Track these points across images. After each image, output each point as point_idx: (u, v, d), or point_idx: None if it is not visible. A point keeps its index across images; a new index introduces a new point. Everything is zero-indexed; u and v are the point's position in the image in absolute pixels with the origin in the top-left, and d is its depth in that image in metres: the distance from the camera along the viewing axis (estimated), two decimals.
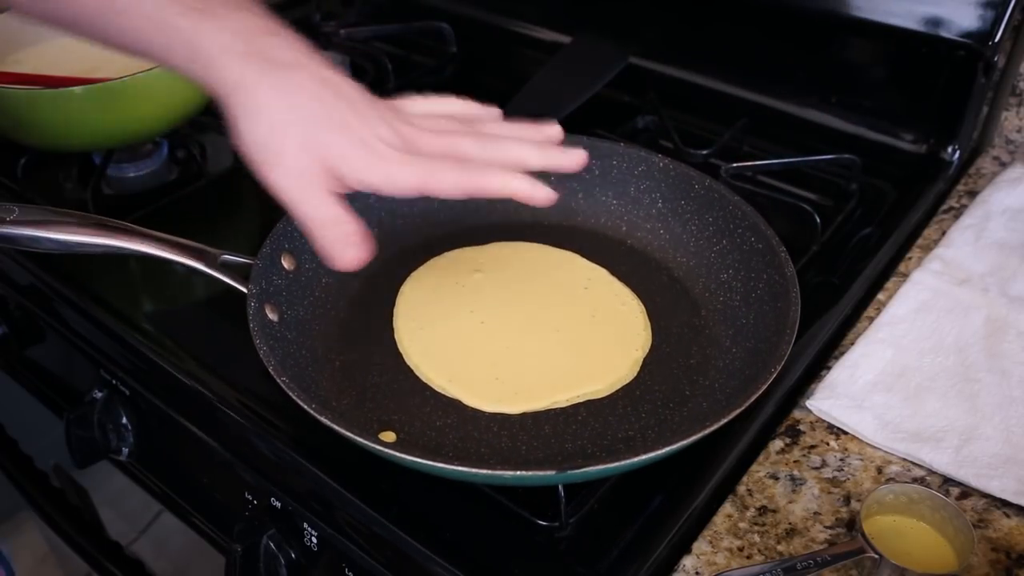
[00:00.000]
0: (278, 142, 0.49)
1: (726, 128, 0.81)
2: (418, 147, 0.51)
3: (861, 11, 0.75)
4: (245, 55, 0.49)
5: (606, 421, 0.54)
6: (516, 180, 0.51)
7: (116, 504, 0.85)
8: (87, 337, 0.67)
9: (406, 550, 0.49)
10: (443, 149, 0.51)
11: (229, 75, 0.49)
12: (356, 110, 0.50)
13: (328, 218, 0.50)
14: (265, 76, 0.49)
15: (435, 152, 0.51)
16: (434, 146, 0.51)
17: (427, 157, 0.50)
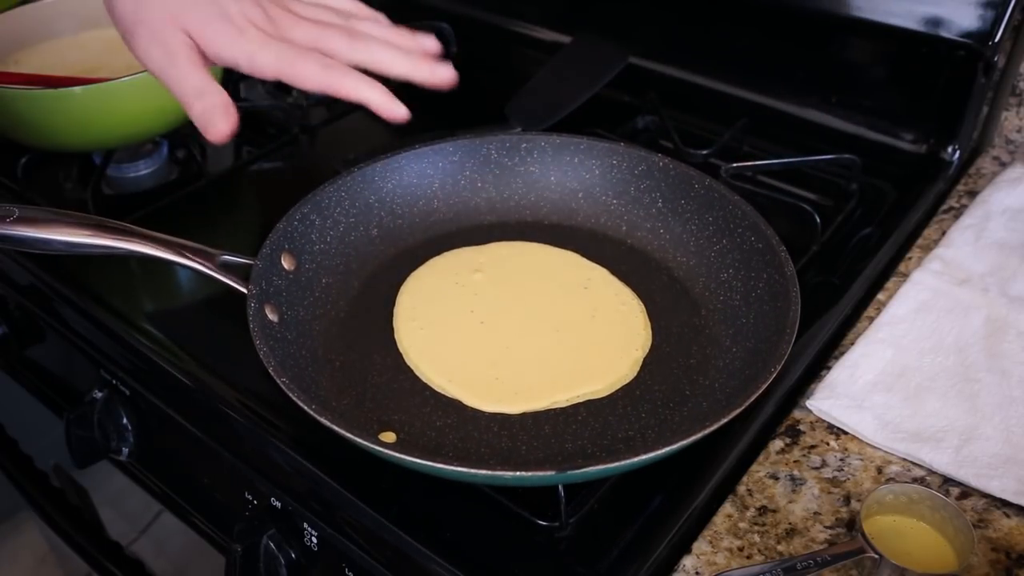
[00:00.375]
0: (142, 12, 0.50)
1: (726, 128, 0.81)
2: (286, 34, 0.52)
3: (861, 11, 0.75)
4: None
5: (606, 421, 0.54)
6: (372, 90, 0.52)
7: (116, 504, 0.85)
8: (87, 337, 0.67)
9: (406, 550, 0.49)
10: (311, 41, 0.52)
11: None
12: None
13: (193, 89, 0.51)
14: None
15: (302, 42, 0.52)
16: (303, 36, 0.52)
17: (292, 45, 0.51)
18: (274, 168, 0.83)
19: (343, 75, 0.52)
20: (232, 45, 0.50)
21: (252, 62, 0.50)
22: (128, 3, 0.51)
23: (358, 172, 0.66)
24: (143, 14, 0.50)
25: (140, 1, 0.50)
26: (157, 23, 0.50)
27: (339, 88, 0.51)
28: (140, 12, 0.50)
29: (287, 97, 0.92)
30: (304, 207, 0.62)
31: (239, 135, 0.88)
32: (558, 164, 0.69)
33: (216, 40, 0.50)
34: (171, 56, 0.50)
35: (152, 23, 0.50)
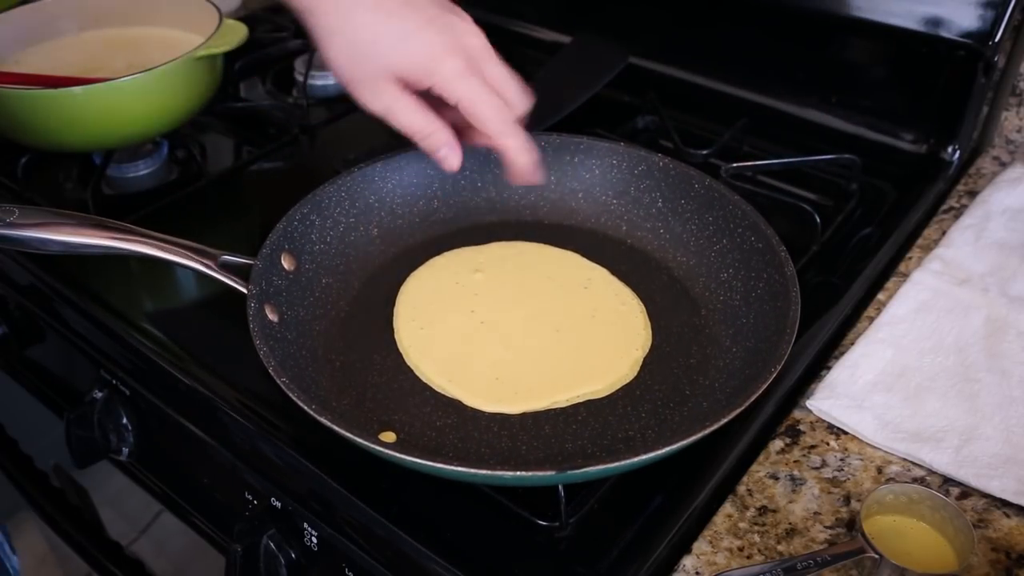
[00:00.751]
0: (357, 71, 0.54)
1: (726, 128, 0.81)
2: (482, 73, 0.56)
3: (861, 11, 0.75)
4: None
5: (606, 421, 0.54)
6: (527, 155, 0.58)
7: (116, 504, 0.85)
8: (87, 337, 0.67)
9: (406, 550, 0.49)
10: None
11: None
12: (421, 15, 0.54)
13: (419, 130, 0.56)
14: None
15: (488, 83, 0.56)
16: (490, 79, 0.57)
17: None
18: (274, 168, 0.83)
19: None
20: (454, 82, 0.54)
21: (470, 98, 0.55)
22: (344, 60, 0.54)
23: (358, 172, 0.66)
24: (358, 72, 0.54)
25: (354, 60, 0.54)
26: (371, 79, 0.54)
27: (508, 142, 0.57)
28: (355, 71, 0.54)
29: (287, 97, 0.92)
30: (304, 207, 0.62)
31: (239, 135, 0.89)
32: (558, 164, 0.69)
33: (440, 76, 0.54)
34: (390, 107, 0.55)
35: (367, 80, 0.54)
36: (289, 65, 0.95)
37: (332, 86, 0.93)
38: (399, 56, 0.53)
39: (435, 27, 0.54)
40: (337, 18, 0.53)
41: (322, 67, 0.93)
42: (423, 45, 0.54)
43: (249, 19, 0.95)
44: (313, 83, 0.92)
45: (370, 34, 0.53)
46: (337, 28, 0.54)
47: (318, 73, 0.92)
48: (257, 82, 0.95)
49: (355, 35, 0.53)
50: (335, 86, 0.94)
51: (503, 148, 0.57)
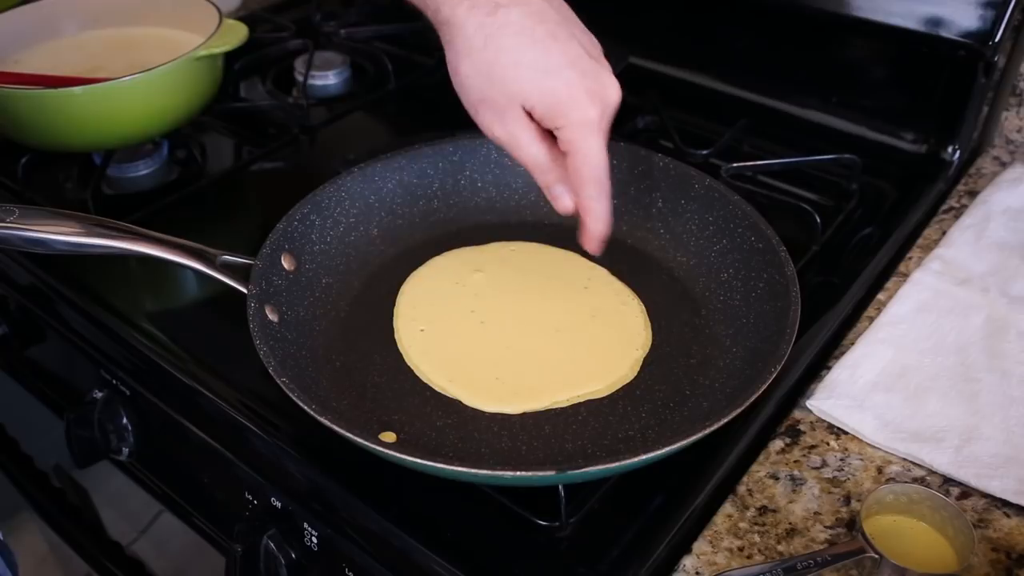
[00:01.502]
0: (488, 91, 0.51)
1: (726, 128, 0.81)
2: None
3: (861, 11, 0.75)
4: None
5: (606, 421, 0.54)
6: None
7: (116, 504, 0.85)
8: (87, 337, 0.67)
9: (406, 550, 0.49)
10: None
11: (442, 10, 0.52)
12: (568, 53, 0.51)
13: (536, 164, 0.54)
14: (474, 13, 0.50)
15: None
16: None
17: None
18: (274, 168, 0.83)
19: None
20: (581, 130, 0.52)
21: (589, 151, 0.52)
22: (476, 80, 0.52)
23: (358, 172, 0.66)
24: (489, 94, 0.52)
25: (488, 80, 0.51)
26: (502, 104, 0.52)
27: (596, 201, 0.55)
28: (487, 92, 0.52)
29: (287, 97, 0.92)
30: (304, 207, 0.62)
31: (239, 135, 0.89)
32: None
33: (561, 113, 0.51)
34: (514, 135, 0.53)
35: (497, 104, 0.52)
36: (289, 65, 0.95)
37: (332, 86, 0.93)
38: (538, 89, 0.51)
39: (578, 69, 0.51)
40: (480, 37, 0.50)
41: (323, 67, 0.93)
42: (564, 85, 0.51)
43: (249, 19, 0.95)
44: (313, 83, 0.92)
45: (512, 59, 0.50)
46: (478, 46, 0.51)
47: (318, 73, 0.92)
48: (257, 82, 0.95)
49: (496, 57, 0.50)
50: (335, 86, 0.94)
51: (589, 210, 0.55)
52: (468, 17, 0.50)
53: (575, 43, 0.52)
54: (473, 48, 0.51)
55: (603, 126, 0.52)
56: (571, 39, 0.52)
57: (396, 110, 0.91)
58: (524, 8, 0.51)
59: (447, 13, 0.51)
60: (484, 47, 0.50)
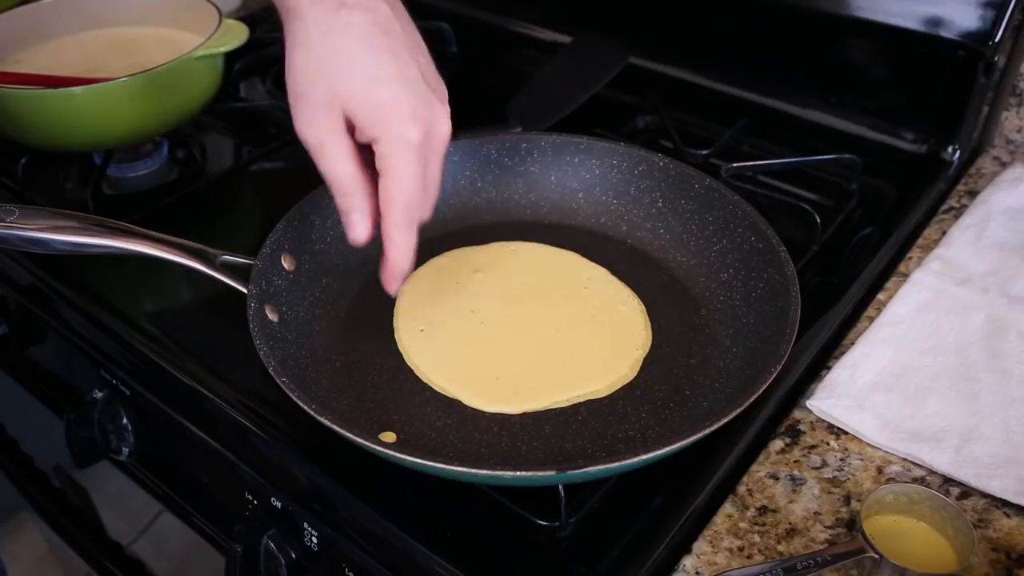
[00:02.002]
0: (307, 86, 0.49)
1: (726, 128, 0.81)
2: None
3: (861, 11, 0.75)
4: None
5: (606, 421, 0.54)
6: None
7: (116, 504, 0.85)
8: (87, 337, 0.67)
9: (406, 550, 0.49)
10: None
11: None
12: (403, 70, 0.49)
13: (339, 182, 0.50)
14: (316, 7, 0.48)
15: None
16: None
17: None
18: (274, 168, 0.83)
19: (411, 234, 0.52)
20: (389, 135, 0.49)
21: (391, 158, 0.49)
22: (304, 72, 0.49)
23: None
24: (310, 89, 0.49)
25: (313, 75, 0.49)
26: (319, 101, 0.49)
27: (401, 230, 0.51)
28: (309, 86, 0.49)
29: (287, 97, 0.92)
30: (304, 207, 0.62)
31: (239, 135, 0.89)
32: (558, 164, 0.69)
33: (373, 126, 0.49)
34: (323, 142, 0.49)
35: (314, 100, 0.49)
36: None
37: None
38: (361, 92, 0.48)
39: (410, 88, 0.49)
40: (318, 31, 0.48)
41: None
42: (391, 97, 0.48)
43: (249, 19, 0.95)
44: None
45: (344, 59, 0.48)
46: (315, 40, 0.48)
47: None
48: (257, 82, 0.95)
49: (330, 54, 0.48)
50: None
51: (391, 239, 0.51)
52: (310, 9, 0.49)
53: (414, 65, 0.50)
54: (309, 40, 0.49)
55: (424, 152, 0.49)
56: (411, 61, 0.50)
57: None
58: (368, 16, 0.49)
59: (291, 3, 0.49)
60: (320, 41, 0.49)
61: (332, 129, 0.49)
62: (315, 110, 0.49)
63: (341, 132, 0.49)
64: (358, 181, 0.50)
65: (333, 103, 0.49)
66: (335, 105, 0.49)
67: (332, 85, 0.48)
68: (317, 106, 0.49)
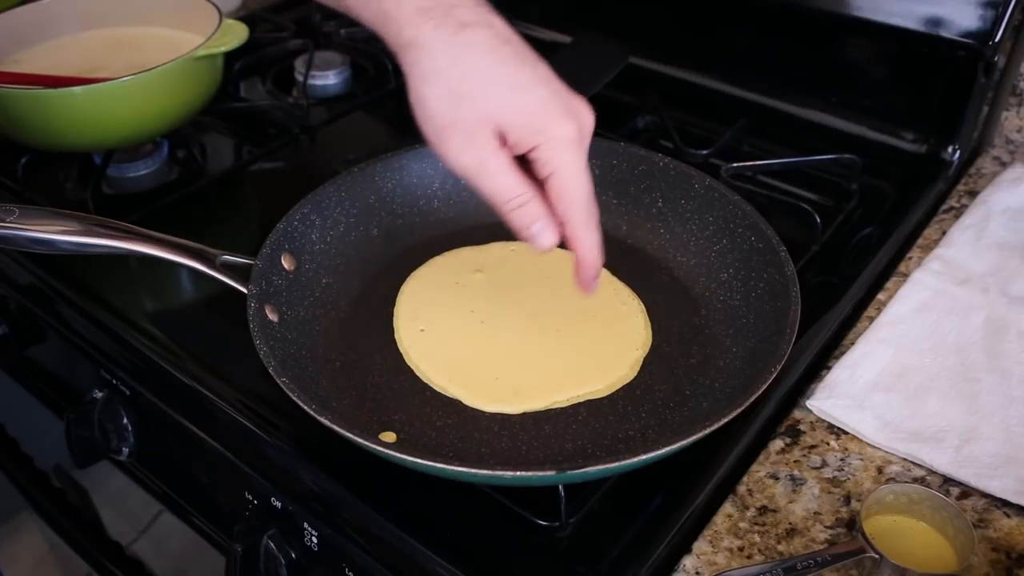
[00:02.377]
0: (457, 112, 0.47)
1: (726, 128, 0.81)
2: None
3: (861, 11, 0.75)
4: (423, 10, 0.47)
5: (606, 421, 0.54)
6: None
7: (116, 504, 0.85)
8: (87, 337, 0.67)
9: (406, 550, 0.49)
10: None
11: (405, 31, 0.48)
12: (537, 73, 0.48)
13: (508, 196, 0.48)
14: (439, 32, 0.47)
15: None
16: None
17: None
18: (274, 168, 0.83)
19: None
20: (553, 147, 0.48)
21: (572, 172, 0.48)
22: (444, 102, 0.47)
23: (358, 172, 0.66)
24: (457, 116, 0.47)
25: (457, 103, 0.47)
26: (470, 126, 0.47)
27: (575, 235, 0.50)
28: (455, 114, 0.47)
29: (287, 97, 0.92)
30: (304, 207, 0.62)
31: (239, 135, 0.89)
32: None
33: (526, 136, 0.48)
34: (484, 162, 0.48)
35: (465, 126, 0.47)
36: (289, 65, 0.95)
37: (332, 86, 0.93)
38: (510, 105, 0.47)
39: (550, 87, 0.48)
40: (447, 57, 0.47)
41: (323, 67, 0.93)
42: (537, 101, 0.47)
43: (249, 19, 0.95)
44: (313, 83, 0.92)
45: (481, 77, 0.47)
46: (444, 67, 0.47)
47: (318, 73, 0.92)
48: (257, 82, 0.95)
49: (464, 75, 0.47)
50: (335, 86, 0.94)
51: (580, 239, 0.50)
52: (433, 36, 0.47)
53: (542, 65, 0.49)
54: (439, 68, 0.47)
55: (583, 147, 0.49)
56: (537, 62, 0.49)
57: (396, 110, 0.91)
58: (489, 31, 0.48)
59: (410, 34, 0.47)
60: (451, 66, 0.47)
61: (491, 148, 0.48)
62: (469, 135, 0.47)
63: (500, 149, 0.48)
64: (530, 190, 0.49)
65: (485, 123, 0.47)
66: (487, 124, 0.47)
67: (479, 106, 0.47)
68: (470, 131, 0.47)
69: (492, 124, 0.47)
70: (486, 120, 0.47)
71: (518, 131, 0.47)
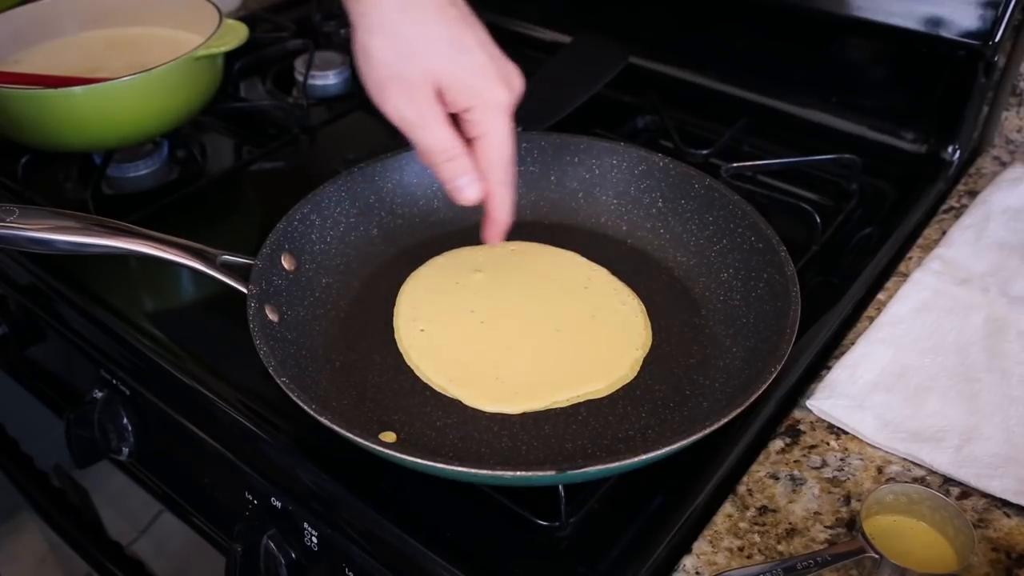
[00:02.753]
0: (400, 66, 0.50)
1: (726, 128, 0.81)
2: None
3: (861, 11, 0.75)
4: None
5: (606, 421, 0.54)
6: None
7: (116, 504, 0.85)
8: (87, 337, 0.67)
9: (406, 550, 0.49)
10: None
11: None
12: (478, 37, 0.52)
13: (442, 150, 0.52)
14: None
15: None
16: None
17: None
18: (274, 168, 0.83)
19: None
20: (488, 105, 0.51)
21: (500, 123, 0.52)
22: (389, 55, 0.50)
23: (358, 172, 0.66)
24: (400, 70, 0.50)
25: (402, 58, 0.50)
26: (412, 81, 0.50)
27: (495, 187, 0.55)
28: (398, 67, 0.50)
29: (287, 97, 0.92)
30: (304, 207, 0.62)
31: (239, 135, 0.89)
32: (558, 164, 0.69)
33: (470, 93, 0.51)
34: (423, 114, 0.51)
35: (407, 80, 0.50)
36: (289, 65, 0.95)
37: (332, 86, 0.93)
38: (452, 65, 0.50)
39: (488, 52, 0.52)
40: (396, 12, 0.50)
41: (323, 67, 0.93)
42: (477, 64, 0.51)
43: (249, 19, 0.95)
44: (313, 83, 0.92)
45: (428, 35, 0.50)
46: (392, 22, 0.50)
47: (318, 73, 0.92)
48: (257, 82, 0.95)
49: (411, 32, 0.50)
50: (335, 86, 0.94)
51: (497, 198, 0.55)
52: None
53: (482, 31, 0.53)
54: (388, 23, 0.50)
55: (511, 112, 0.53)
56: (479, 26, 0.52)
57: None
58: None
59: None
60: (399, 22, 0.50)
61: (430, 102, 0.51)
62: (411, 88, 0.51)
63: (438, 104, 0.51)
64: (461, 145, 0.52)
65: (427, 79, 0.50)
66: (428, 80, 0.50)
67: (423, 63, 0.50)
68: (412, 84, 0.50)
69: (433, 81, 0.50)
70: (428, 77, 0.50)
71: (456, 91, 0.51)
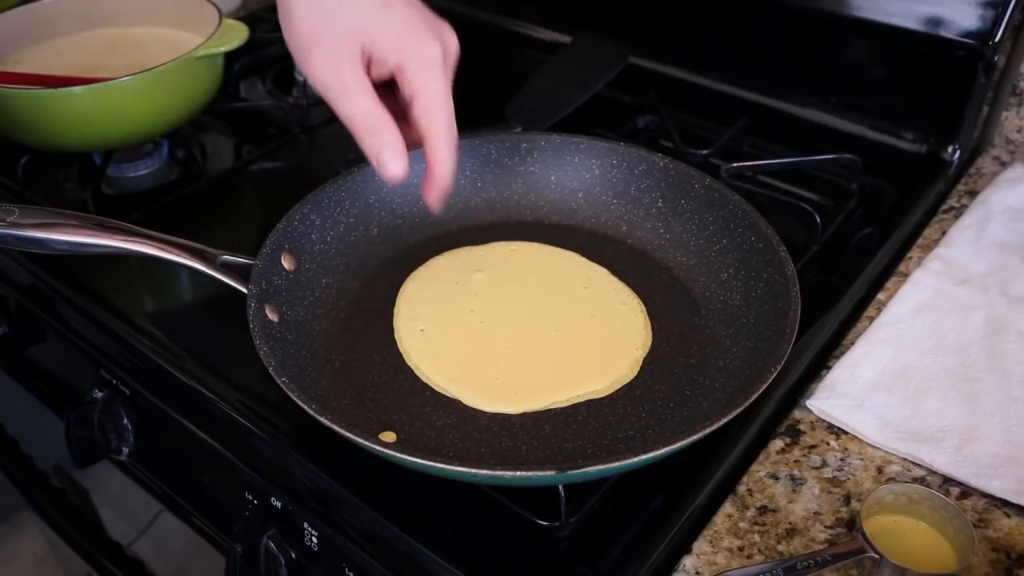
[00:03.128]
0: (323, 30, 0.48)
1: (726, 128, 0.81)
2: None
3: (861, 11, 0.75)
4: None
5: (606, 421, 0.54)
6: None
7: (116, 504, 0.85)
8: (87, 337, 0.67)
9: (406, 550, 0.49)
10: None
11: None
12: (413, 4, 0.50)
13: (366, 122, 0.49)
14: None
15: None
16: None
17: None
18: (274, 168, 0.83)
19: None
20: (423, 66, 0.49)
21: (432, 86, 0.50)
22: (308, 19, 0.48)
23: (358, 172, 0.66)
24: (322, 33, 0.48)
25: (323, 18, 0.48)
26: (335, 44, 0.48)
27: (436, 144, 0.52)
28: (320, 31, 0.48)
29: (287, 97, 0.92)
30: (304, 207, 0.62)
31: (239, 135, 0.89)
32: (558, 164, 0.69)
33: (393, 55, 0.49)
34: (345, 82, 0.48)
35: (330, 44, 0.48)
36: (289, 65, 0.95)
37: None
38: (376, 24, 0.48)
39: (414, 8, 0.49)
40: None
41: None
42: (403, 19, 0.48)
43: (249, 19, 0.95)
44: None
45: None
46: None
47: None
48: (257, 82, 0.95)
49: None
50: None
51: (437, 158, 0.52)
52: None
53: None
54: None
55: (447, 69, 0.50)
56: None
57: None
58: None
59: None
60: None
61: (354, 68, 0.48)
62: (333, 52, 0.48)
63: (362, 70, 0.49)
64: (386, 116, 0.50)
65: (351, 41, 0.48)
66: (353, 43, 0.48)
67: (345, 23, 0.48)
68: (335, 48, 0.48)
69: (357, 42, 0.48)
70: (351, 37, 0.48)
71: (383, 48, 0.48)
